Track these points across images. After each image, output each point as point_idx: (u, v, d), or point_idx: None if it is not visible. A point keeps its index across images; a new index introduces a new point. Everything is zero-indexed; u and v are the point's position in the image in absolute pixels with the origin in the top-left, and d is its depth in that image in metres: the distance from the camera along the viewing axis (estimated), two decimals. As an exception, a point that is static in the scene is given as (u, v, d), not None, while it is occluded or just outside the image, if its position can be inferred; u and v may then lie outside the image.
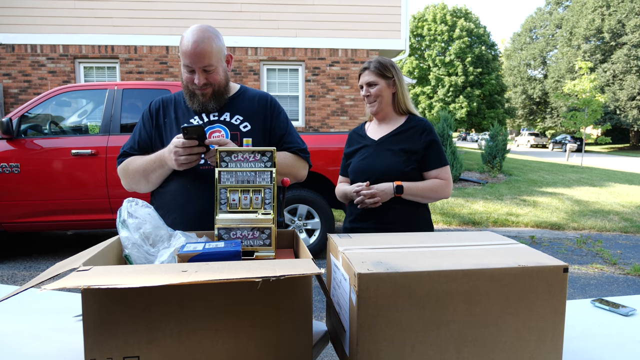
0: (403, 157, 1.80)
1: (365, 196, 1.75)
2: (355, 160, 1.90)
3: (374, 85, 1.84)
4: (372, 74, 1.83)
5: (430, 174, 1.83)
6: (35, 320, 1.25)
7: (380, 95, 1.84)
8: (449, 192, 1.84)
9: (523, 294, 0.92)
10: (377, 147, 1.87)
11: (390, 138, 1.86)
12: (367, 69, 1.85)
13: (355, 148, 1.94)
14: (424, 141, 1.81)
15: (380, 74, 1.83)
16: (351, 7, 8.93)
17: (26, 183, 4.24)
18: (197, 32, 1.48)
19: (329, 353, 2.53)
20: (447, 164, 1.85)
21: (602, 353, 1.12)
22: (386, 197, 1.76)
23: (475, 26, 32.69)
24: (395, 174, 1.78)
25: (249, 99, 1.67)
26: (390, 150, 1.83)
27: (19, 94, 8.61)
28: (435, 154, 1.83)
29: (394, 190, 1.76)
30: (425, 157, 1.82)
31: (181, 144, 1.37)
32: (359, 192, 1.77)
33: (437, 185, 1.81)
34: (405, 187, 1.76)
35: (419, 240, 1.16)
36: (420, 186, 1.79)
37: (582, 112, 17.24)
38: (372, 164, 1.84)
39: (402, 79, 1.87)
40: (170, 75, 8.87)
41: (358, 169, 1.87)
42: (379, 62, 1.84)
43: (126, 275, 0.81)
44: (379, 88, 1.83)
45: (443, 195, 1.84)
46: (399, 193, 1.76)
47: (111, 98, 4.53)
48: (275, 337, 0.91)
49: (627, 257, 4.95)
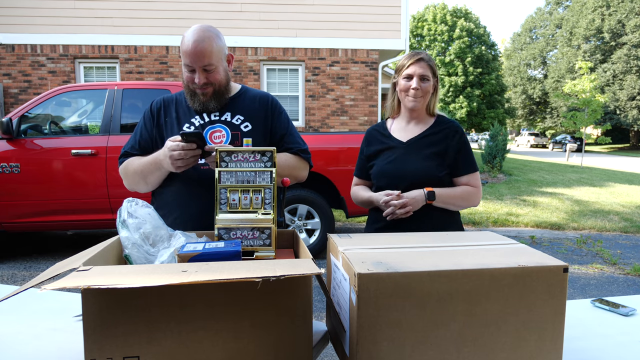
0: (436, 161, 1.67)
1: (396, 207, 1.59)
2: (381, 164, 1.74)
3: (426, 79, 1.67)
4: (428, 68, 1.66)
5: (461, 180, 1.70)
6: (35, 320, 1.24)
7: (428, 92, 1.69)
8: (479, 200, 1.71)
9: (523, 294, 0.92)
10: (406, 149, 1.71)
11: (420, 140, 1.71)
12: (423, 60, 1.67)
13: (378, 149, 1.77)
14: (455, 144, 1.69)
15: (433, 70, 1.68)
16: (351, 7, 8.93)
17: (26, 183, 4.24)
18: (197, 32, 1.48)
19: (329, 353, 2.53)
20: (477, 170, 1.72)
21: (602, 353, 1.12)
22: (418, 206, 1.62)
23: (475, 26, 32.69)
24: (430, 180, 1.64)
25: (250, 99, 1.67)
26: (421, 153, 1.68)
27: (19, 94, 8.61)
28: (466, 158, 1.71)
29: (425, 197, 1.62)
30: (456, 161, 1.69)
31: (178, 147, 1.36)
32: (388, 203, 1.60)
33: (468, 192, 1.68)
34: (437, 194, 1.62)
35: (419, 240, 1.16)
36: (451, 193, 1.66)
37: (582, 112, 17.24)
38: (402, 168, 1.68)
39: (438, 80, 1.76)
40: (170, 75, 8.87)
41: (385, 173, 1.71)
42: (430, 57, 1.68)
43: (126, 275, 0.81)
44: (429, 84, 1.68)
45: (473, 203, 1.71)
46: (430, 200, 1.62)
47: (111, 98, 4.53)
48: (276, 337, 0.91)
49: (627, 257, 4.95)
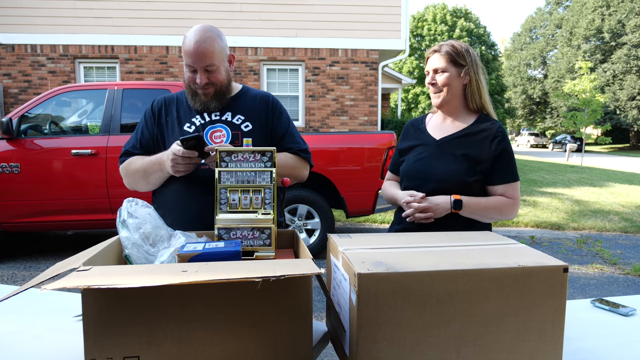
0: (466, 164, 1.52)
1: (417, 210, 1.49)
2: (410, 160, 1.63)
3: (442, 72, 1.55)
4: (442, 59, 1.55)
5: (497, 190, 1.53)
6: (35, 320, 1.24)
7: (448, 85, 1.55)
8: (515, 213, 1.55)
9: (523, 294, 0.92)
10: (437, 148, 1.58)
11: (454, 140, 1.57)
12: (437, 52, 1.57)
13: (411, 144, 1.66)
14: (494, 149, 1.52)
15: (452, 59, 1.54)
16: (351, 7, 8.93)
17: (26, 183, 4.24)
18: (199, 32, 1.48)
19: (329, 353, 2.53)
20: (517, 180, 1.54)
21: (602, 353, 1.12)
22: (441, 213, 1.49)
23: (475, 26, 32.68)
24: (456, 184, 1.51)
25: (250, 98, 1.67)
26: (452, 154, 1.55)
27: (19, 94, 8.61)
28: (505, 166, 1.53)
29: (451, 205, 1.48)
30: (493, 168, 1.52)
31: (180, 153, 1.37)
32: (409, 204, 1.50)
33: (503, 204, 1.51)
34: (464, 203, 1.48)
35: (419, 240, 1.16)
36: (483, 203, 1.51)
37: (582, 112, 17.24)
38: (428, 168, 1.56)
39: (478, 69, 1.57)
40: (170, 75, 8.87)
41: (412, 171, 1.61)
42: (452, 46, 1.55)
43: (126, 275, 0.81)
44: (447, 76, 1.54)
45: (507, 217, 1.55)
46: (456, 209, 1.48)
47: (111, 98, 4.53)
48: (276, 337, 0.91)
49: (627, 257, 4.95)
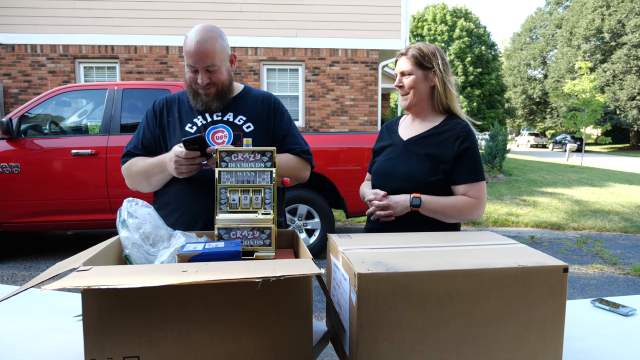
0: (428, 164, 1.54)
1: (377, 207, 1.53)
2: (380, 160, 1.68)
3: (408, 75, 1.58)
4: (408, 62, 1.57)
5: (458, 189, 1.54)
6: (35, 320, 1.24)
7: (415, 87, 1.57)
8: (478, 214, 1.54)
9: (523, 294, 0.92)
10: (404, 148, 1.61)
11: (420, 140, 1.59)
12: (404, 55, 1.59)
13: (383, 145, 1.71)
14: (456, 149, 1.53)
15: (418, 62, 1.56)
16: (351, 7, 8.93)
17: (26, 183, 4.24)
18: (200, 32, 1.48)
19: (329, 353, 2.53)
20: (481, 180, 1.54)
21: (602, 353, 1.12)
22: (401, 211, 1.52)
23: (475, 26, 32.69)
24: (417, 184, 1.53)
25: (252, 99, 1.67)
26: (416, 154, 1.57)
27: (19, 94, 8.61)
28: (467, 166, 1.53)
29: (410, 203, 1.50)
30: (455, 168, 1.53)
31: (183, 155, 1.37)
32: (371, 202, 1.55)
33: (463, 204, 1.52)
34: (423, 201, 1.50)
35: (419, 240, 1.16)
36: (442, 202, 1.51)
37: (582, 112, 17.23)
38: (393, 168, 1.60)
39: (446, 71, 1.59)
40: (170, 75, 8.87)
41: (379, 171, 1.65)
42: (418, 49, 1.56)
43: (126, 275, 0.81)
44: (413, 79, 1.57)
45: (470, 217, 1.54)
46: (415, 207, 1.50)
47: (111, 98, 4.53)
48: (275, 337, 0.91)
49: (627, 257, 4.95)
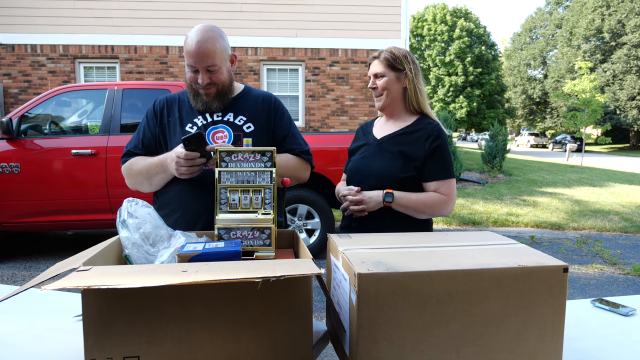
0: (401, 161, 1.61)
1: (352, 202, 1.59)
2: (354, 159, 1.75)
3: (381, 77, 1.65)
4: (381, 64, 1.65)
5: (430, 186, 1.61)
6: (35, 320, 1.24)
7: (388, 88, 1.65)
8: (448, 210, 1.61)
9: (523, 294, 0.92)
10: (377, 147, 1.69)
11: (393, 138, 1.67)
12: (377, 58, 1.67)
13: (357, 145, 1.78)
14: (427, 147, 1.60)
15: (390, 64, 1.64)
16: (351, 7, 8.93)
17: (26, 183, 4.24)
18: (201, 32, 1.48)
19: (329, 353, 2.53)
20: (451, 177, 1.62)
21: (602, 353, 1.12)
22: (374, 207, 1.58)
23: (475, 26, 32.69)
24: (390, 180, 1.60)
25: (252, 99, 1.67)
26: (390, 152, 1.64)
27: (19, 94, 8.61)
28: (438, 163, 1.61)
29: (382, 198, 1.57)
30: (426, 165, 1.60)
31: (183, 155, 1.37)
32: (345, 197, 1.61)
33: (433, 200, 1.59)
34: (395, 197, 1.56)
35: (419, 240, 1.16)
36: (413, 198, 1.58)
37: (582, 112, 17.23)
38: (367, 166, 1.67)
39: (416, 73, 1.66)
40: (170, 75, 8.87)
41: (353, 169, 1.72)
42: (390, 52, 1.65)
43: (126, 275, 0.81)
44: (386, 80, 1.65)
45: (440, 213, 1.61)
46: (388, 202, 1.56)
47: (111, 98, 4.53)
48: (275, 337, 0.91)
49: (627, 257, 4.95)
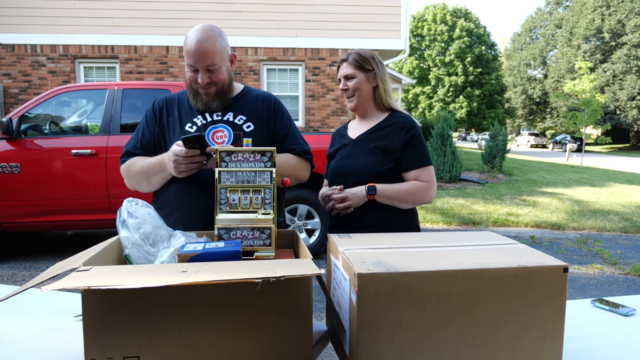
0: (379, 155, 1.64)
1: (336, 201, 1.61)
2: (334, 162, 1.77)
3: (351, 78, 1.71)
4: (350, 66, 1.70)
5: (409, 175, 1.65)
6: (35, 320, 1.25)
7: (359, 89, 1.70)
8: (430, 196, 1.65)
9: (523, 294, 0.92)
10: (354, 146, 1.72)
11: (368, 136, 1.70)
12: (345, 60, 1.72)
13: (335, 148, 1.81)
14: (402, 138, 1.64)
15: (359, 66, 1.70)
16: (351, 7, 8.93)
17: (26, 183, 4.24)
18: (201, 32, 1.48)
19: (329, 353, 2.53)
20: (429, 165, 1.66)
21: (602, 353, 1.12)
22: (359, 201, 1.61)
23: (475, 26, 32.70)
24: (370, 175, 1.63)
25: (252, 99, 1.67)
26: (367, 148, 1.67)
27: (19, 94, 8.61)
28: (414, 152, 1.64)
29: (366, 192, 1.60)
30: (403, 155, 1.64)
31: (182, 154, 1.37)
32: (329, 197, 1.63)
33: (415, 188, 1.62)
34: (378, 189, 1.60)
35: (419, 240, 1.16)
36: (395, 188, 1.61)
37: (582, 112, 17.23)
38: (346, 165, 1.69)
39: (383, 72, 1.73)
40: (170, 75, 8.87)
41: (334, 171, 1.74)
42: (358, 54, 1.71)
43: (126, 275, 0.81)
44: (357, 81, 1.70)
45: (423, 200, 1.65)
46: (371, 195, 1.59)
47: (111, 98, 4.53)
48: (275, 337, 0.91)
49: (627, 257, 4.95)
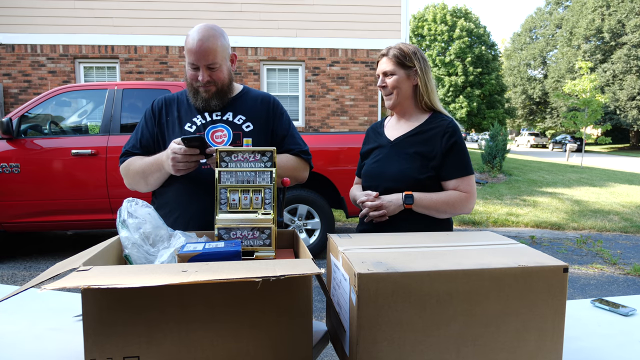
0: (418, 162, 1.56)
1: (371, 208, 1.54)
2: (368, 163, 1.69)
3: (390, 75, 1.60)
4: (390, 62, 1.60)
5: (449, 185, 1.56)
6: (35, 320, 1.25)
7: (398, 87, 1.60)
8: (469, 207, 1.57)
9: (523, 294, 0.92)
10: (392, 148, 1.63)
11: (407, 139, 1.61)
12: (385, 55, 1.62)
13: (370, 147, 1.72)
14: (444, 145, 1.55)
15: (399, 62, 1.59)
16: (351, 7, 8.93)
17: (26, 183, 4.24)
18: (202, 30, 1.49)
19: (329, 353, 2.53)
20: (470, 174, 1.57)
21: (602, 353, 1.12)
22: (395, 210, 1.53)
23: (475, 26, 32.68)
24: (408, 182, 1.55)
25: (251, 99, 1.68)
26: (405, 153, 1.59)
27: (19, 94, 8.61)
28: (456, 160, 1.56)
29: (403, 201, 1.52)
30: (444, 163, 1.56)
31: (181, 151, 1.36)
32: (364, 203, 1.56)
33: (454, 199, 1.54)
34: (416, 198, 1.52)
35: (419, 240, 1.16)
36: (434, 198, 1.53)
37: (582, 112, 17.23)
38: (383, 169, 1.61)
39: (426, 70, 1.62)
40: (170, 75, 8.87)
41: (368, 173, 1.67)
42: (399, 49, 1.60)
43: (126, 275, 0.81)
44: (396, 79, 1.59)
45: (461, 211, 1.57)
46: (408, 204, 1.51)
47: (111, 98, 4.53)
48: (275, 337, 0.91)
49: (627, 257, 4.95)
